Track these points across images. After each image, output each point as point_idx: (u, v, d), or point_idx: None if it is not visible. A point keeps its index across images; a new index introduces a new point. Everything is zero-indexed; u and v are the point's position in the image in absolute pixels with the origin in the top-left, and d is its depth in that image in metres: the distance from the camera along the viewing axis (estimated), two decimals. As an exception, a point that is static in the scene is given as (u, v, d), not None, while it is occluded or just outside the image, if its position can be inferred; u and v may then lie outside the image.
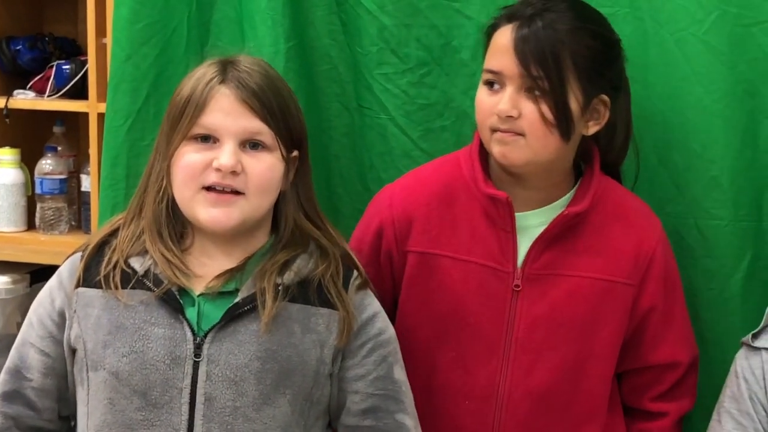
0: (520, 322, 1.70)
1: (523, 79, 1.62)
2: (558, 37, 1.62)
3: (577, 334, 1.70)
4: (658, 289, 1.73)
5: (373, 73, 1.97)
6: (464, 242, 1.73)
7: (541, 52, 1.61)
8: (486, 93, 1.67)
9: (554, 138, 1.64)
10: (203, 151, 1.54)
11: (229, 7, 2.00)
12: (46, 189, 2.63)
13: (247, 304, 1.54)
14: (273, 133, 1.55)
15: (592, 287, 1.70)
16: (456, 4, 1.92)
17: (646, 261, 1.72)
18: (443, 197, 1.75)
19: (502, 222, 1.71)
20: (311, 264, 1.60)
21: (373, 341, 1.61)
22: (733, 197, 1.82)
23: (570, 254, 1.70)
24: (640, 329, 1.75)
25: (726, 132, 1.81)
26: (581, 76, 1.63)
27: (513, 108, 1.63)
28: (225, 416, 1.52)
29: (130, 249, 1.58)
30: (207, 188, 1.54)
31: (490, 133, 1.66)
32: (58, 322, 1.59)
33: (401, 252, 1.76)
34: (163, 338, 1.52)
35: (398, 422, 1.61)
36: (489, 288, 1.71)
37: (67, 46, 2.73)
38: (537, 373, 1.70)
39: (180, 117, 1.55)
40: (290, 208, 1.61)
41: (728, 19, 1.78)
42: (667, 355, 1.76)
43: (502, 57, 1.64)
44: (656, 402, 1.78)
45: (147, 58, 1.98)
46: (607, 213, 1.72)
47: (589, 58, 1.64)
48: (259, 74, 1.57)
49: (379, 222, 1.78)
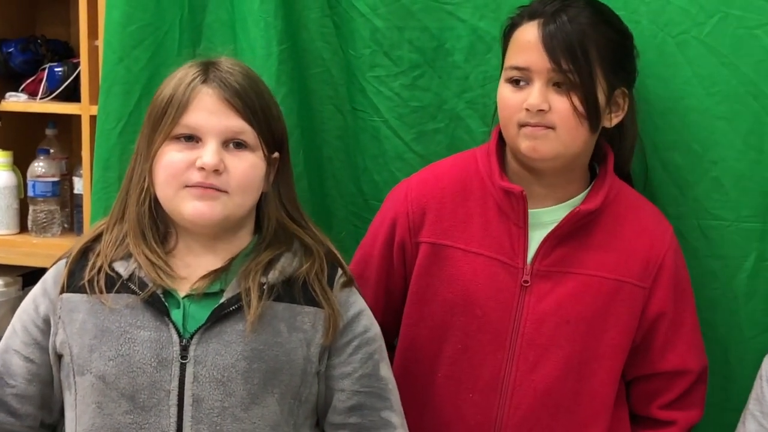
0: (528, 317, 1.71)
1: (552, 73, 1.65)
2: (584, 31, 1.65)
3: (583, 332, 1.70)
4: (668, 296, 1.73)
5: (366, 75, 1.97)
6: (476, 235, 1.74)
7: (570, 46, 1.64)
8: (510, 90, 1.69)
9: (583, 130, 1.67)
10: (186, 151, 1.54)
11: (222, 10, 2.00)
12: (38, 191, 2.62)
13: (233, 305, 1.54)
14: (255, 132, 1.56)
15: (601, 286, 1.71)
16: (449, 7, 1.92)
17: (656, 265, 1.72)
18: (458, 190, 1.77)
19: (515, 217, 1.72)
20: (295, 262, 1.60)
21: (359, 339, 1.61)
22: (735, 198, 1.82)
23: (580, 252, 1.71)
24: (649, 335, 1.75)
25: (728, 134, 1.81)
26: (606, 69, 1.67)
27: (544, 102, 1.65)
28: (214, 417, 1.51)
29: (113, 253, 1.58)
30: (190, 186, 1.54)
31: (518, 129, 1.68)
32: (42, 329, 1.59)
33: (414, 243, 1.78)
34: (149, 341, 1.52)
35: (384, 419, 1.61)
36: (498, 281, 1.72)
37: (59, 48, 2.72)
38: (542, 369, 1.71)
39: (162, 117, 1.55)
40: (272, 208, 1.62)
41: (731, 21, 1.79)
42: (677, 362, 1.76)
43: (530, 53, 1.66)
44: (664, 410, 1.77)
45: (139, 60, 1.98)
46: (619, 214, 1.73)
47: (612, 51, 1.68)
48: (240, 74, 1.57)
49: (394, 214, 1.80)
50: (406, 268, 1.80)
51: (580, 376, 1.72)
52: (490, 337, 1.72)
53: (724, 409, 1.86)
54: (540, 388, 1.71)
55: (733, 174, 1.82)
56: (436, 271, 1.76)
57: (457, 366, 1.75)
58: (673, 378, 1.77)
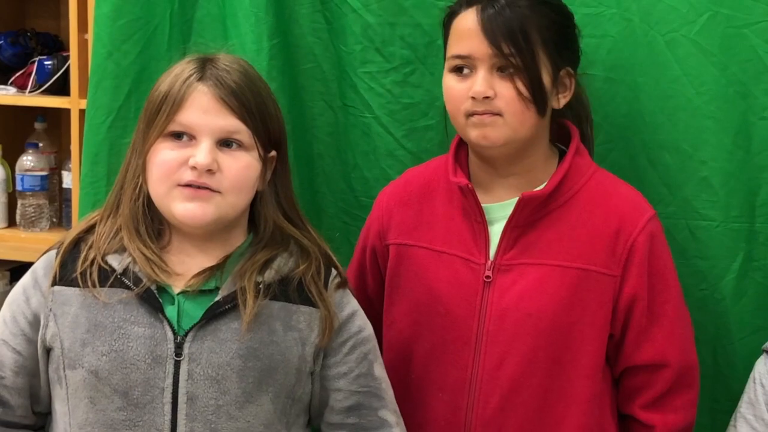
0: (491, 313, 1.69)
1: (494, 59, 1.64)
2: (523, 13, 1.64)
3: (548, 326, 1.68)
4: (640, 282, 1.69)
5: (358, 71, 1.97)
6: (440, 234, 1.74)
7: (511, 30, 1.63)
8: (455, 80, 1.68)
9: (531, 113, 1.66)
10: (179, 149, 1.53)
11: (212, 5, 1.99)
12: (27, 185, 2.62)
13: (228, 303, 1.54)
14: (250, 132, 1.54)
15: (563, 276, 1.68)
16: (441, 3, 1.90)
17: (625, 250, 1.68)
18: (424, 191, 1.78)
19: (473, 213, 1.72)
20: (291, 263, 1.59)
21: (354, 339, 1.61)
22: (724, 198, 1.81)
23: (543, 243, 1.69)
24: (625, 325, 1.71)
25: (717, 133, 1.80)
26: (549, 50, 1.66)
27: (489, 88, 1.64)
28: (208, 415, 1.51)
29: (107, 246, 1.56)
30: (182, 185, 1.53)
31: (466, 119, 1.67)
32: (32, 321, 1.58)
33: (384, 246, 1.79)
34: (143, 337, 1.51)
35: (381, 419, 1.62)
36: (461, 279, 1.71)
37: (49, 41, 2.71)
38: (507, 366, 1.69)
39: (157, 113, 1.54)
40: (268, 208, 1.61)
41: (720, 20, 1.78)
42: (653, 353, 1.70)
43: (470, 40, 1.65)
44: (645, 411, 1.72)
45: (129, 55, 1.97)
46: (590, 200, 1.71)
47: (554, 32, 1.67)
48: (237, 72, 1.56)
49: (370, 222, 1.84)
50: (381, 273, 1.81)
51: (548, 372, 1.69)
52: (455, 335, 1.71)
53: (713, 411, 1.86)
54: (506, 386, 1.69)
55: (721, 174, 1.81)
56: (403, 271, 1.76)
57: (428, 366, 1.74)
58: (652, 372, 1.71)
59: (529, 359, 1.68)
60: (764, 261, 1.81)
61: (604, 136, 1.87)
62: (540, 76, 1.65)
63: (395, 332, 1.77)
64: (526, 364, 1.68)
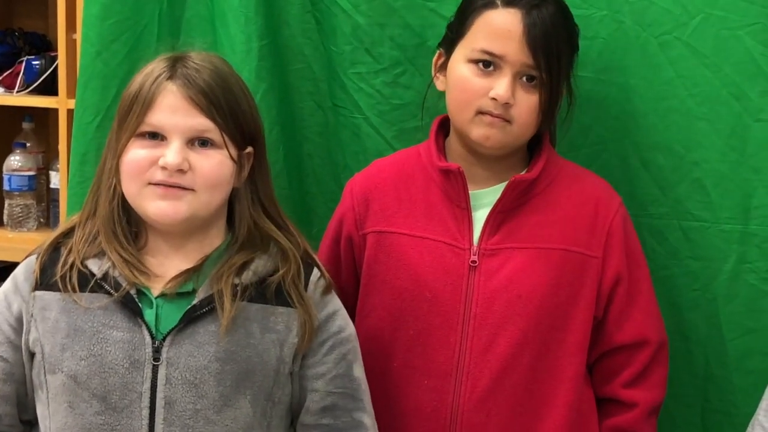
0: (478, 297, 1.70)
1: (525, 67, 1.65)
2: (559, 31, 1.65)
3: (537, 306, 1.69)
4: (621, 262, 1.72)
5: (348, 72, 1.96)
6: (420, 220, 1.74)
7: (550, 44, 1.64)
8: (474, 72, 1.68)
9: (536, 125, 1.69)
10: (150, 148, 1.52)
11: (201, 5, 1.98)
12: (14, 185, 2.61)
13: (205, 306, 1.53)
14: (220, 130, 1.54)
15: (550, 258, 1.70)
16: (431, 4, 1.91)
17: (604, 232, 1.71)
18: (400, 178, 1.78)
19: (457, 198, 1.72)
20: (270, 264, 1.58)
21: (333, 339, 1.61)
22: (717, 200, 1.82)
23: (526, 227, 1.71)
24: (607, 306, 1.73)
25: (709, 135, 1.81)
26: (570, 67, 1.70)
27: (512, 95, 1.64)
28: (186, 419, 1.50)
29: (86, 250, 1.56)
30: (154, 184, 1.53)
31: (474, 114, 1.67)
32: (15, 327, 1.57)
33: (361, 236, 1.78)
34: (121, 342, 1.51)
35: (356, 420, 1.61)
36: (445, 263, 1.71)
37: (36, 41, 2.71)
38: (496, 349, 1.69)
39: (128, 114, 1.54)
40: (245, 205, 1.60)
41: (713, 22, 1.78)
42: (635, 332, 1.73)
43: (509, 42, 1.64)
44: (627, 389, 1.74)
45: (117, 55, 1.96)
46: (564, 186, 1.73)
47: (572, 53, 1.71)
48: (208, 71, 1.55)
49: (342, 211, 1.82)
50: (356, 264, 1.80)
51: (537, 352, 1.70)
52: (441, 320, 1.71)
53: (704, 410, 1.87)
54: (495, 368, 1.69)
55: (714, 175, 1.82)
56: (383, 258, 1.76)
57: (411, 353, 1.73)
58: (633, 351, 1.73)
59: (519, 341, 1.69)
60: (757, 263, 1.81)
61: (595, 137, 1.87)
62: (561, 93, 1.68)
63: (374, 321, 1.76)
64: (515, 345, 1.69)
